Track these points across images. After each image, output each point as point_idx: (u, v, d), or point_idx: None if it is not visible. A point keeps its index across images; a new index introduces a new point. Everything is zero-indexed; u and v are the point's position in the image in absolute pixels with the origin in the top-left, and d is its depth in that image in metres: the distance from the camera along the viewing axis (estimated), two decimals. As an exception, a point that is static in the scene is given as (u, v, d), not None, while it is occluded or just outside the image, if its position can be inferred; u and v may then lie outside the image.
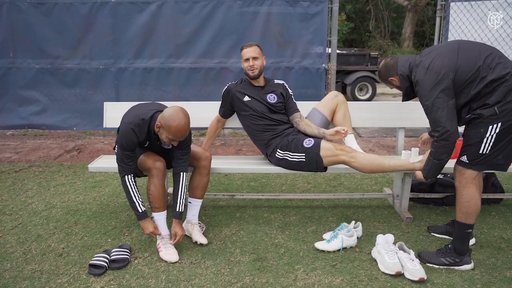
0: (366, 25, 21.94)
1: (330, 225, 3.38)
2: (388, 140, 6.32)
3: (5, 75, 5.69)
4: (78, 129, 5.85)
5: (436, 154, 2.63)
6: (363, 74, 10.24)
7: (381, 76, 2.94)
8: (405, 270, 2.66)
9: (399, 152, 3.66)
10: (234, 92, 3.45)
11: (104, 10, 5.47)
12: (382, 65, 2.88)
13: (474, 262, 2.79)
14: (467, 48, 2.59)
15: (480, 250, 3.00)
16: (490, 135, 2.54)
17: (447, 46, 2.68)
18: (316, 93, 5.63)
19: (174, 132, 2.71)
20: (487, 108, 2.51)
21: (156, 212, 2.98)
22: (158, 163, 2.93)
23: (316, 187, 4.28)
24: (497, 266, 2.79)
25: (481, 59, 2.51)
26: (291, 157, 3.19)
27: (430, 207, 3.75)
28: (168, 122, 2.70)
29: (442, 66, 2.53)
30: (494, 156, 2.61)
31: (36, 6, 5.51)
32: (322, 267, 2.76)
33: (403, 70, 2.74)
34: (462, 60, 2.53)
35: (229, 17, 5.43)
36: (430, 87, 2.54)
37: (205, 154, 3.16)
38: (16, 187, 4.34)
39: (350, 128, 3.40)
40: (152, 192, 2.93)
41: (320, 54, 5.57)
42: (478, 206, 2.70)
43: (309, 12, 5.43)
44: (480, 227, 3.34)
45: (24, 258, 2.93)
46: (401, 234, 3.23)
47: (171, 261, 2.81)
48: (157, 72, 5.61)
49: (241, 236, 3.21)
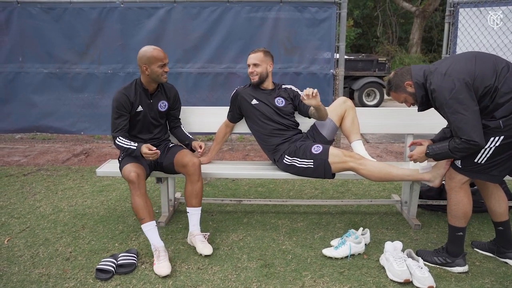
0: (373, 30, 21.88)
1: (337, 232, 3.35)
2: (396, 146, 6.29)
3: (14, 79, 5.71)
4: (86, 133, 5.84)
5: (454, 149, 2.51)
6: (371, 79, 10.20)
7: (394, 84, 2.73)
8: (414, 278, 2.63)
9: (407, 159, 3.63)
10: (242, 95, 3.45)
11: (113, 15, 5.48)
12: (393, 74, 2.76)
13: (470, 266, 2.80)
14: (483, 57, 2.53)
15: (490, 258, 2.96)
16: (489, 147, 2.51)
17: (462, 54, 2.62)
18: (323, 99, 5.52)
19: (157, 56, 3.03)
20: (492, 121, 2.47)
21: (143, 224, 2.87)
22: (132, 174, 2.86)
23: (323, 193, 4.26)
24: (508, 275, 2.75)
25: (496, 69, 2.45)
26: (299, 163, 3.17)
27: (439, 214, 3.71)
28: (146, 54, 3.03)
29: (460, 72, 2.45)
30: (489, 167, 2.59)
31: (46, 11, 5.52)
32: (330, 274, 2.74)
33: (418, 78, 2.62)
34: (480, 68, 2.45)
35: (237, 22, 5.40)
36: (449, 94, 2.44)
37: (192, 161, 3.07)
38: (25, 191, 4.36)
39: (358, 134, 3.38)
40: (134, 204, 2.87)
41: (328, 59, 5.52)
42: (466, 210, 2.70)
43: (317, 18, 5.40)
44: (491, 235, 3.30)
45: (32, 261, 2.93)
46: (410, 241, 3.20)
47: (162, 275, 2.69)
48: (165, 77, 5.60)
49: (248, 242, 3.19)
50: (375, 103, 10.30)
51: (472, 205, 2.74)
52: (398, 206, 3.83)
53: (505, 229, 2.87)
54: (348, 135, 3.40)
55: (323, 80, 5.56)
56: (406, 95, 2.72)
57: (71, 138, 6.62)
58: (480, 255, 3.01)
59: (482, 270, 2.81)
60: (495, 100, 2.44)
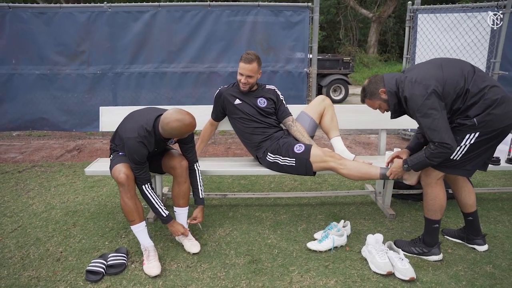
0: (336, 33, 21.66)
1: (319, 223, 3.08)
2: (363, 137, 6.06)
3: (8, 80, 5.31)
4: (78, 130, 5.44)
5: (431, 156, 2.28)
6: (337, 77, 9.99)
7: (368, 92, 2.45)
8: (396, 270, 2.38)
9: (381, 152, 3.38)
10: (225, 96, 3.10)
11: (101, 19, 5.13)
12: (367, 82, 2.48)
13: (443, 254, 2.61)
14: (449, 63, 2.30)
15: (459, 245, 2.75)
16: (465, 144, 2.29)
17: (429, 62, 2.37)
18: (298, 95, 5.37)
19: (184, 134, 2.47)
20: (467, 119, 2.24)
21: (133, 225, 2.52)
22: (122, 175, 2.45)
23: (302, 184, 3.97)
24: (477, 261, 2.55)
25: (463, 73, 2.23)
26: (281, 161, 2.86)
27: (409, 203, 3.48)
28: (173, 128, 2.40)
29: (429, 78, 2.21)
30: (463, 162, 2.37)
31: (37, 15, 5.14)
32: (316, 268, 2.46)
33: (390, 87, 2.36)
34: (448, 74, 2.23)
35: (218, 25, 5.11)
36: (422, 100, 2.19)
37: (180, 163, 2.70)
38: (19, 188, 3.93)
39: (337, 130, 3.09)
40: (124, 206, 2.49)
41: (302, 59, 5.29)
42: (442, 204, 2.51)
43: (291, 21, 5.15)
44: (457, 221, 3.10)
45: (22, 263, 2.56)
46: (386, 231, 2.96)
47: (152, 275, 2.37)
48: (151, 76, 5.27)
49: (235, 236, 2.88)
50: (341, 97, 10.11)
51: (446, 199, 2.52)
52: (372, 196, 3.58)
53: (474, 219, 2.69)
54: (327, 131, 3.10)
55: (297, 78, 5.35)
56: (380, 102, 2.46)
57: (65, 134, 6.14)
58: (450, 242, 2.80)
59: (455, 257, 2.60)
60: (467, 101, 2.23)
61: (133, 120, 2.55)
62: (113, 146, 2.78)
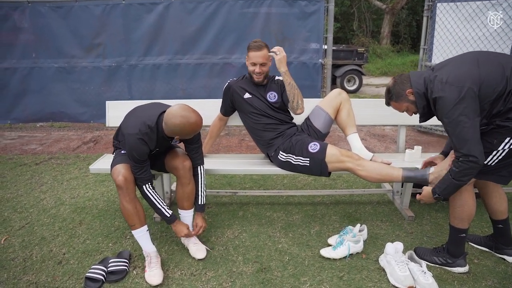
0: (350, 25, 20.86)
1: (333, 225, 2.72)
2: (378, 129, 5.61)
3: (29, 74, 5.08)
4: (95, 122, 5.20)
5: (458, 175, 1.89)
6: (351, 67, 9.49)
7: (394, 93, 2.05)
8: (418, 285, 2.02)
9: (401, 149, 2.98)
10: (234, 88, 2.75)
11: (115, 11, 4.81)
12: (392, 83, 2.06)
13: (469, 265, 2.21)
14: (487, 59, 1.85)
15: (486, 254, 2.36)
16: (503, 148, 1.89)
17: (462, 57, 1.93)
18: (313, 85, 4.98)
19: (188, 133, 2.13)
20: (508, 121, 1.83)
21: (134, 230, 2.22)
22: (120, 178, 2.15)
23: (316, 180, 3.59)
24: (508, 275, 2.16)
25: (505, 70, 1.79)
26: (295, 160, 2.50)
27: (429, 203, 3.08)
28: (176, 127, 2.08)
29: (463, 78, 1.79)
30: (498, 168, 1.98)
31: (54, 9, 4.88)
32: (329, 279, 2.12)
33: (419, 87, 1.95)
34: (486, 72, 1.79)
35: (231, 16, 4.72)
36: (452, 104, 1.79)
37: (183, 163, 2.36)
38: (33, 181, 3.69)
39: (354, 126, 2.69)
40: (123, 210, 2.19)
41: (316, 50, 4.88)
42: (471, 212, 2.10)
43: (306, 11, 4.72)
44: (480, 225, 2.69)
45: (23, 266, 2.31)
46: (405, 236, 2.58)
47: (153, 284, 2.08)
48: (165, 68, 4.93)
49: (244, 240, 2.54)
50: (355, 88, 9.62)
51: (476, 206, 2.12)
52: (389, 195, 3.19)
53: (505, 227, 2.27)
54: (344, 128, 2.70)
55: (312, 69, 4.95)
56: (408, 104, 2.05)
57: (84, 126, 5.92)
58: (476, 250, 2.40)
59: (482, 269, 2.21)
60: (509, 103, 1.80)
61: (135, 116, 2.23)
62: (115, 144, 2.47)
